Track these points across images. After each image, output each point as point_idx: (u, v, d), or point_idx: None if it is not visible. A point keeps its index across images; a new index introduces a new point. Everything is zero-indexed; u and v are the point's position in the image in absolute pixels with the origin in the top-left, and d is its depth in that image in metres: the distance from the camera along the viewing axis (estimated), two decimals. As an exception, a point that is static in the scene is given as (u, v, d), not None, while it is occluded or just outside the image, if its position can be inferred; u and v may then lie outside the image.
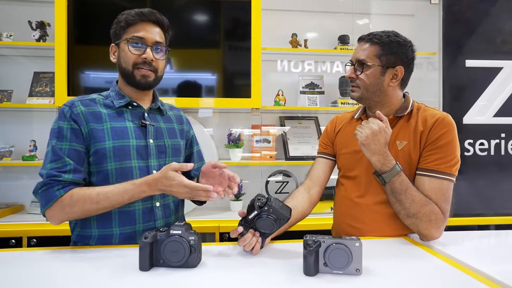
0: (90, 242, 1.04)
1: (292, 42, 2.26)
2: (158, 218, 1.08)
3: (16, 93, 2.08)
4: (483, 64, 2.13)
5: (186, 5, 1.99)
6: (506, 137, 2.14)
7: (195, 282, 0.76)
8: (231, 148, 2.16)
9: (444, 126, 1.05)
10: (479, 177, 2.12)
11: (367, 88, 1.09)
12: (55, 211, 0.97)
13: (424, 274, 0.81)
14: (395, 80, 1.10)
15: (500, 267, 0.85)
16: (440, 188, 1.02)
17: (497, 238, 1.18)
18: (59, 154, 0.99)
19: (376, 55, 1.08)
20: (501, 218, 2.08)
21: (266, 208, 0.89)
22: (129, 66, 1.06)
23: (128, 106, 1.10)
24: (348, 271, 0.78)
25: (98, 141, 1.02)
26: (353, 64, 1.13)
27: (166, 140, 1.13)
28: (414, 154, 1.07)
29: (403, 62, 1.09)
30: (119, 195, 0.97)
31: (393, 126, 1.11)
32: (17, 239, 1.75)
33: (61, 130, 1.01)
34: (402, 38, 1.10)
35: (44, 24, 2.06)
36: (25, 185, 2.14)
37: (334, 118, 1.33)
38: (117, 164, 1.02)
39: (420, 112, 1.11)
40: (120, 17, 1.08)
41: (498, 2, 2.14)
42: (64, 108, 1.04)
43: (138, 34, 1.05)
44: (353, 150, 1.18)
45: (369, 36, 1.10)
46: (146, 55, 1.05)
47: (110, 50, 1.11)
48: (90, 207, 0.97)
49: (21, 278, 0.78)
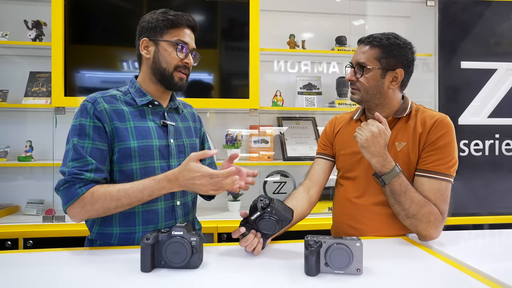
0: (111, 241, 1.03)
1: (290, 43, 2.27)
2: (179, 216, 1.09)
3: (11, 93, 2.05)
4: (478, 65, 2.16)
5: (182, 5, 1.99)
6: (500, 137, 2.17)
7: (197, 283, 0.77)
8: (229, 148, 2.16)
9: (443, 127, 1.06)
10: (474, 177, 2.15)
11: (367, 91, 1.10)
12: (76, 209, 0.96)
13: (424, 274, 0.82)
14: (395, 83, 1.10)
15: (497, 266, 0.87)
16: (438, 188, 1.03)
17: (493, 237, 1.21)
18: (81, 153, 0.97)
19: (376, 58, 1.08)
20: (495, 217, 2.12)
21: (268, 209, 0.90)
22: (170, 68, 1.06)
23: (149, 104, 1.10)
24: (349, 271, 0.79)
25: (122, 140, 1.01)
26: (353, 66, 1.13)
27: (185, 140, 1.14)
28: (413, 155, 1.08)
29: (403, 65, 1.10)
30: (139, 191, 0.96)
31: (392, 127, 1.12)
32: (13, 241, 1.73)
33: (83, 127, 0.99)
34: (402, 41, 1.10)
35: (40, 23, 2.04)
36: (21, 186, 2.12)
37: (333, 119, 1.33)
38: (141, 164, 1.02)
39: (419, 113, 1.12)
40: (160, 15, 1.06)
41: (492, 5, 2.17)
42: (86, 105, 1.01)
43: (185, 39, 1.07)
44: (352, 151, 1.18)
45: (369, 38, 1.10)
46: (189, 61, 1.09)
47: (141, 44, 1.08)
48: (110, 205, 0.96)
49: (21, 280, 0.78)
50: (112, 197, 0.95)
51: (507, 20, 2.20)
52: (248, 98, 2.01)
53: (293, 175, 2.27)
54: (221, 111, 2.27)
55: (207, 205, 1.32)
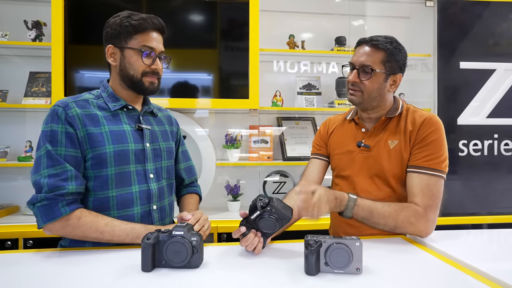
0: (85, 245, 1.01)
1: (289, 43, 2.27)
2: (155, 220, 1.08)
3: (11, 93, 2.06)
4: (477, 66, 2.17)
5: (182, 5, 1.99)
6: (499, 137, 2.18)
7: (198, 282, 0.77)
8: (229, 148, 2.16)
9: (432, 125, 1.08)
10: (472, 177, 2.16)
11: (370, 93, 1.11)
12: (56, 227, 0.94)
13: (424, 273, 0.83)
14: (394, 86, 1.14)
15: (496, 265, 0.87)
16: (427, 184, 1.04)
17: (491, 236, 1.21)
18: (57, 159, 0.94)
19: (381, 62, 1.09)
20: (494, 217, 2.12)
21: (268, 208, 0.90)
22: (138, 74, 1.04)
23: (123, 108, 1.08)
24: (349, 270, 0.79)
25: (97, 145, 0.99)
26: (354, 67, 1.12)
27: (161, 143, 1.13)
28: (405, 152, 1.10)
29: (401, 69, 1.13)
30: (125, 233, 0.96)
31: (384, 126, 1.16)
32: (13, 241, 1.73)
33: (55, 134, 0.95)
34: (401, 45, 1.13)
35: (40, 23, 2.04)
36: (21, 186, 2.12)
37: (327, 120, 1.36)
38: (117, 169, 1.01)
39: (409, 113, 1.15)
40: (123, 20, 1.03)
41: (490, 5, 2.18)
42: (57, 110, 0.97)
43: (151, 44, 1.04)
44: (346, 151, 1.21)
45: (372, 41, 1.10)
46: (156, 66, 1.06)
47: (107, 51, 1.05)
48: (91, 235, 0.95)
49: (21, 280, 0.78)
50: (97, 229, 0.95)
51: (506, 20, 2.21)
52: (247, 98, 2.01)
53: (292, 175, 2.28)
54: (220, 111, 2.28)
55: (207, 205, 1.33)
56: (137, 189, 1.05)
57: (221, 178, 2.26)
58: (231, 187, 2.13)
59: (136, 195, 1.04)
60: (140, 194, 1.05)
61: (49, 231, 0.96)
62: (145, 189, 1.06)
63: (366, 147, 1.15)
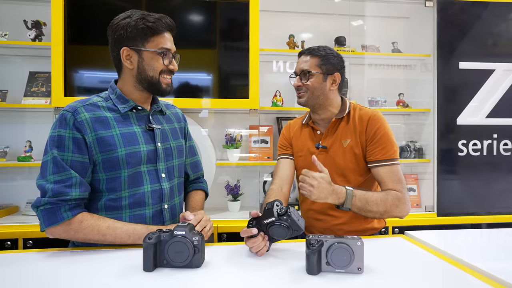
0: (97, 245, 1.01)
1: (289, 43, 2.28)
2: (167, 219, 1.08)
3: (11, 93, 2.05)
4: (476, 66, 2.18)
5: (182, 5, 1.99)
6: (498, 137, 2.19)
7: (199, 282, 0.77)
8: (229, 148, 2.16)
9: (377, 121, 1.21)
10: (472, 176, 2.17)
11: (312, 92, 1.25)
12: (58, 231, 0.94)
13: (424, 272, 0.83)
14: (334, 85, 1.27)
15: (496, 264, 0.88)
16: (392, 171, 1.18)
17: (491, 236, 1.22)
18: (63, 166, 0.94)
19: (317, 65, 1.25)
20: (493, 217, 2.13)
21: (285, 217, 0.90)
22: (156, 75, 1.04)
23: (133, 109, 1.07)
24: (350, 269, 0.80)
25: (109, 148, 0.98)
26: (297, 74, 1.28)
27: (172, 142, 1.13)
28: (357, 149, 1.23)
29: (338, 70, 1.27)
30: (127, 234, 0.97)
31: (336, 127, 1.27)
32: (12, 241, 1.73)
33: (62, 139, 0.95)
34: (336, 52, 1.29)
35: (40, 23, 2.04)
36: (20, 186, 2.12)
37: (288, 125, 1.45)
38: (130, 171, 1.01)
39: (356, 111, 1.27)
40: (138, 22, 1.00)
41: (489, 6, 2.19)
42: (66, 115, 0.97)
43: (166, 46, 1.04)
44: (307, 152, 1.30)
45: (309, 50, 1.27)
46: (173, 67, 1.07)
47: (122, 54, 1.02)
48: (94, 237, 0.96)
49: (21, 280, 0.78)
50: (99, 232, 0.95)
51: (505, 21, 2.21)
52: (247, 98, 2.01)
53: (292, 175, 2.28)
54: (220, 111, 2.28)
55: (207, 205, 1.33)
56: (149, 188, 1.05)
57: (221, 178, 2.26)
58: (231, 187, 2.13)
59: (148, 194, 1.04)
60: (152, 194, 1.05)
61: (51, 235, 0.96)
62: (157, 188, 1.06)
63: (324, 148, 1.27)
